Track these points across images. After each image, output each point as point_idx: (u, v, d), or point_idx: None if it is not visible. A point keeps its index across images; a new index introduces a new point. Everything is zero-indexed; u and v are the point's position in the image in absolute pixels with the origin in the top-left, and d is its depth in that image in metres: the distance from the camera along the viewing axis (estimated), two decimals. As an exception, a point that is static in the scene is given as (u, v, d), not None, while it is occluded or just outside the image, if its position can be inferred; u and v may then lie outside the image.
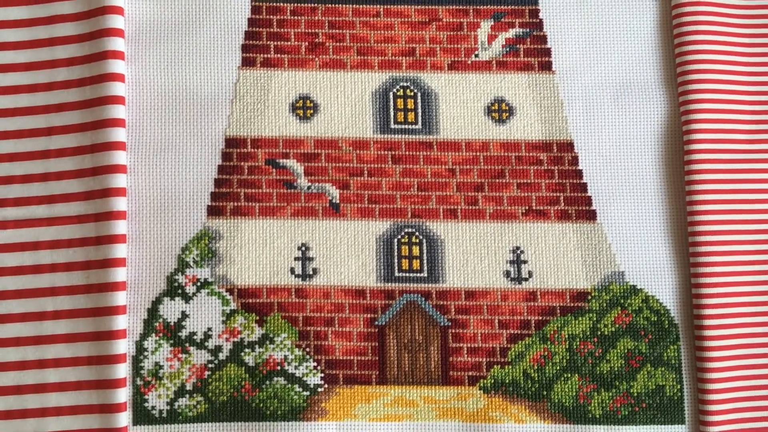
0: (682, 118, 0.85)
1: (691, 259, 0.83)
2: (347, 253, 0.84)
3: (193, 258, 0.82)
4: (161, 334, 0.81)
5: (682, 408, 0.82)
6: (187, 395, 0.81)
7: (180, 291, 0.82)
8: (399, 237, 0.84)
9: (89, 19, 0.82)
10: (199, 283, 0.82)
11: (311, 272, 0.83)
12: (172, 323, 0.82)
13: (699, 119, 0.83)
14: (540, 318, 0.83)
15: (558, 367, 0.82)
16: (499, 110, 0.86)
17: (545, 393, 0.82)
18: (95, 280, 0.79)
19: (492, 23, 0.88)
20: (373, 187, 0.85)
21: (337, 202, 0.84)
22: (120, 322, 0.79)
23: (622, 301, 0.84)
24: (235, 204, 0.83)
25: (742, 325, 0.81)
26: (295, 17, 0.87)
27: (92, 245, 0.80)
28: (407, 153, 0.85)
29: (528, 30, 0.88)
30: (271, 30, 0.87)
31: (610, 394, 0.82)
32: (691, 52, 0.84)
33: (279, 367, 0.81)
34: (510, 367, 0.82)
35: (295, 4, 0.87)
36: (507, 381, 0.82)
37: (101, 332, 0.78)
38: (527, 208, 0.85)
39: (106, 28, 0.82)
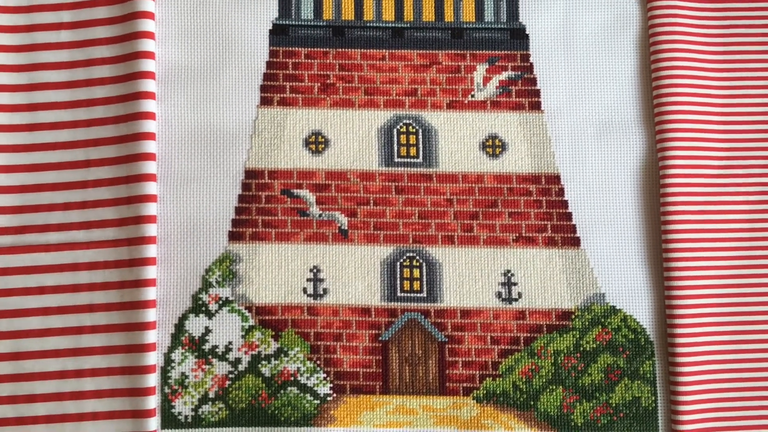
0: (658, 154, 0.90)
1: (665, 283, 0.88)
2: (354, 275, 0.89)
3: (216, 279, 0.88)
4: (187, 347, 0.87)
5: (656, 418, 0.88)
6: (210, 402, 0.86)
7: (204, 308, 0.88)
8: (401, 260, 0.90)
9: (124, 63, 0.88)
10: (221, 302, 0.88)
11: (322, 292, 0.89)
12: (196, 337, 0.87)
13: (674, 155, 0.89)
14: (528, 335, 0.89)
15: (544, 380, 0.88)
16: (493, 146, 0.92)
17: (532, 403, 0.88)
18: (129, 299, 0.84)
19: (487, 66, 0.93)
20: (379, 215, 0.90)
21: (346, 228, 0.90)
22: (150, 336, 0.84)
23: (602, 320, 0.89)
24: (254, 230, 0.89)
25: (711, 343, 0.87)
26: (309, 60, 0.93)
27: (126, 267, 0.85)
28: (409, 184, 0.91)
29: (519, 73, 0.93)
30: (287, 72, 0.92)
31: (591, 404, 0.88)
32: (667, 95, 0.89)
33: (292, 378, 0.87)
34: (501, 379, 0.88)
35: (309, 49, 0.93)
36: (498, 392, 0.88)
37: (133, 345, 0.84)
38: (517, 235, 0.90)
39: (140, 71, 0.87)
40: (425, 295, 0.89)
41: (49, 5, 0.90)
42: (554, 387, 0.88)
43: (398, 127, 0.92)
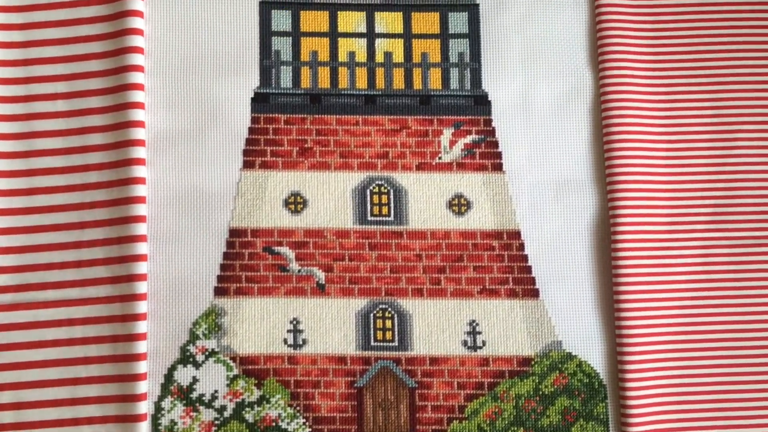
0: (609, 212, 0.96)
1: (616, 331, 0.94)
2: (331, 326, 0.94)
3: (202, 331, 0.93)
4: (176, 396, 0.92)
5: (609, 455, 0.94)
6: (198, 447, 0.92)
7: (191, 359, 0.93)
8: (374, 312, 0.95)
9: (116, 131, 0.93)
10: (207, 353, 0.93)
11: (301, 342, 0.94)
12: (184, 387, 0.92)
13: (623, 213, 0.95)
14: (492, 380, 0.95)
15: (506, 422, 0.94)
16: (459, 204, 0.98)
17: (496, 443, 0.94)
18: (121, 352, 0.89)
19: (453, 131, 0.99)
20: (353, 270, 0.96)
21: (323, 283, 0.96)
22: (141, 386, 0.89)
23: (560, 365, 0.95)
24: (238, 285, 0.95)
25: (659, 386, 0.94)
26: (288, 126, 0.98)
27: (118, 322, 0.90)
28: (382, 241, 0.97)
29: (483, 136, 0.99)
30: (268, 137, 0.98)
31: (550, 444, 0.94)
32: (617, 157, 0.96)
33: (274, 424, 0.92)
34: (467, 421, 0.94)
35: (288, 115, 0.98)
36: (464, 433, 0.94)
37: (126, 395, 0.88)
38: (482, 287, 0.96)
39: (130, 139, 0.92)
40: (397, 344, 0.95)
41: (46, 77, 0.95)
42: (516, 428, 0.94)
43: (371, 187, 0.98)
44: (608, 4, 1.01)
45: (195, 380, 0.93)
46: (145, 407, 0.90)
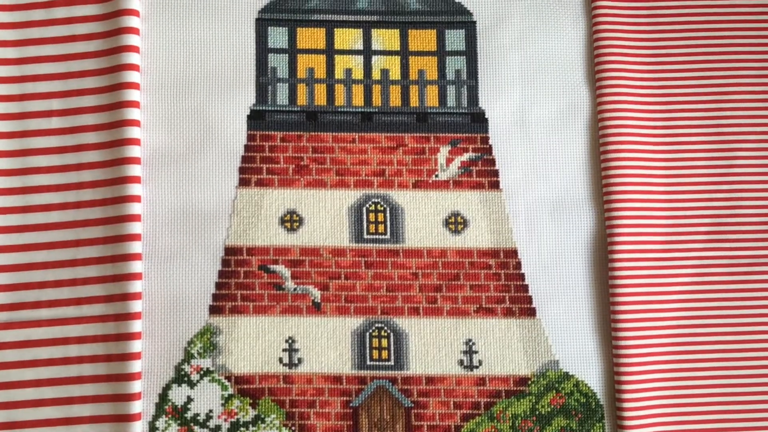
0: (607, 230, 0.96)
1: (613, 351, 0.94)
2: (327, 345, 0.94)
3: (197, 350, 0.93)
4: (170, 416, 0.92)
5: (607, 476, 0.94)
6: (192, 467, 0.92)
7: (186, 379, 0.93)
8: (370, 331, 0.95)
9: (111, 148, 0.93)
10: (202, 372, 0.93)
11: (297, 361, 0.94)
12: (179, 406, 0.92)
13: (621, 231, 0.95)
14: (488, 400, 0.95)
15: None
16: (455, 222, 0.98)
17: (492, 464, 0.93)
18: (115, 371, 0.89)
19: (450, 148, 0.99)
20: (349, 289, 0.96)
21: (319, 301, 0.96)
22: (136, 406, 0.88)
23: (556, 385, 0.95)
24: (233, 303, 0.95)
25: (656, 406, 0.94)
26: (284, 143, 0.98)
27: (113, 341, 0.90)
28: (378, 259, 0.97)
29: (480, 154, 0.99)
30: (264, 155, 0.98)
31: (547, 464, 0.93)
32: (614, 175, 0.96)
33: None
34: None
35: (284, 133, 0.98)
36: (460, 454, 0.93)
37: (120, 415, 0.88)
38: (478, 306, 0.96)
39: (126, 156, 0.92)
40: (393, 363, 0.95)
41: (41, 94, 0.95)
42: (512, 448, 0.94)
43: (367, 205, 0.98)
44: (605, 21, 1.01)
45: (190, 400, 0.93)
46: (139, 427, 0.89)
